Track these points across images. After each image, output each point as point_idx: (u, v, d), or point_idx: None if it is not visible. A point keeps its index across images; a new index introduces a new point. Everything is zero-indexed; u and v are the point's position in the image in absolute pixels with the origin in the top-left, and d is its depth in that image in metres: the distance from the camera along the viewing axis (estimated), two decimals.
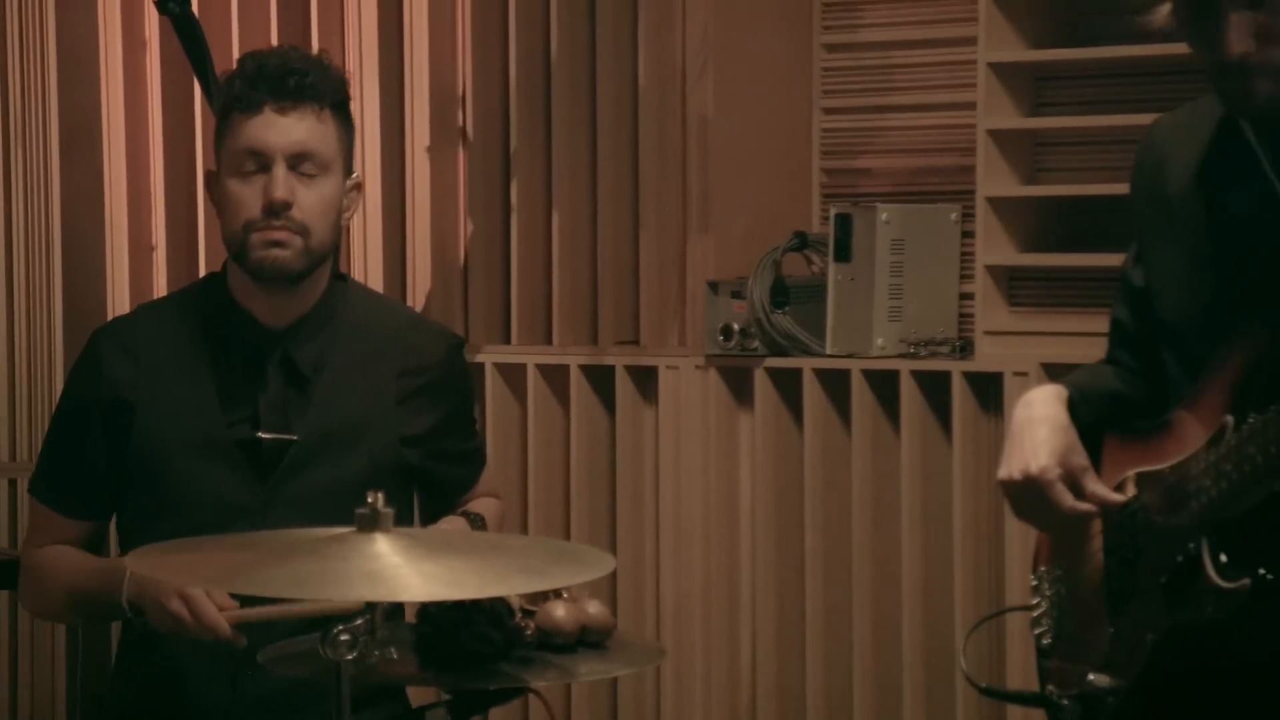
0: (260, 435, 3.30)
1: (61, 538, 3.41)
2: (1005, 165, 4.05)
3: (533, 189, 4.45)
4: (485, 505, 3.54)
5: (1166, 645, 2.54)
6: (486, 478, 3.58)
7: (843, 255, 4.13)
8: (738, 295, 4.21)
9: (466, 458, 3.54)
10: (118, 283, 4.71)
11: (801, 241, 4.24)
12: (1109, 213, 4.04)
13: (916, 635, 4.09)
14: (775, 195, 4.37)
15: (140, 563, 2.85)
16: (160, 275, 4.70)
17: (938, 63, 4.26)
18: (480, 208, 4.49)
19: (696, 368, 4.28)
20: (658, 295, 4.34)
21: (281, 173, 3.25)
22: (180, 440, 3.32)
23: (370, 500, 2.62)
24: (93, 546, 3.44)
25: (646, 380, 4.36)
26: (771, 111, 4.36)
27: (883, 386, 4.12)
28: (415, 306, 4.39)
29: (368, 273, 4.54)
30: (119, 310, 4.57)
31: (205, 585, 3.05)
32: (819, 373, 4.16)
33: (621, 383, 4.36)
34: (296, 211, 3.26)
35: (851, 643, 4.16)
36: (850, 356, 4.14)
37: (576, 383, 4.39)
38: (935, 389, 4.07)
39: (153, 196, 4.73)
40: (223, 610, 3.10)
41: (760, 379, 4.22)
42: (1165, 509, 2.56)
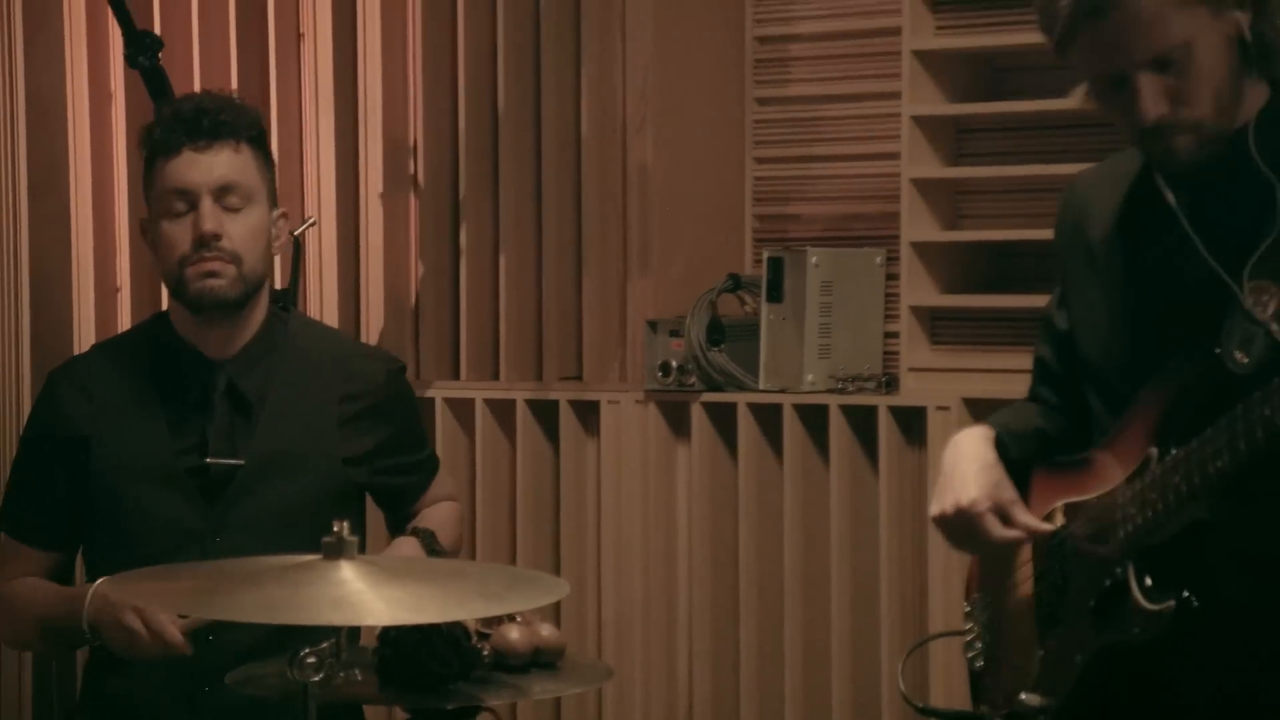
0: (208, 461, 3.30)
1: (30, 570, 3.40)
2: (927, 212, 4.05)
3: (481, 233, 4.43)
4: (440, 512, 3.54)
5: (1094, 666, 2.54)
6: (440, 482, 3.59)
7: (775, 296, 4.13)
8: (676, 334, 4.20)
9: (416, 468, 3.55)
10: (84, 322, 4.67)
11: (736, 283, 4.23)
12: (1026, 256, 4.06)
13: (845, 655, 4.08)
14: (711, 239, 4.36)
15: (114, 589, 2.84)
16: (125, 315, 4.66)
17: (863, 115, 4.25)
18: (431, 250, 4.47)
19: (636, 402, 4.27)
20: (600, 334, 4.33)
21: (208, 206, 3.27)
22: (134, 470, 3.33)
23: (336, 529, 2.63)
24: (61, 577, 3.43)
25: (589, 414, 4.34)
26: (707, 161, 4.36)
27: (813, 420, 4.11)
28: (370, 344, 4.36)
29: (323, 312, 4.51)
30: (85, 348, 4.52)
31: (176, 610, 3.04)
32: (752, 407, 4.15)
33: (565, 416, 4.34)
34: (226, 242, 3.28)
35: (783, 661, 4.14)
36: (782, 392, 4.13)
37: (522, 416, 4.38)
38: (862, 422, 4.07)
39: (117, 240, 4.69)
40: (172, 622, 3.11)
41: (697, 413, 4.21)
42: (1093, 537, 2.56)
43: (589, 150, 4.30)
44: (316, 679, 2.59)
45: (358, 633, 3.22)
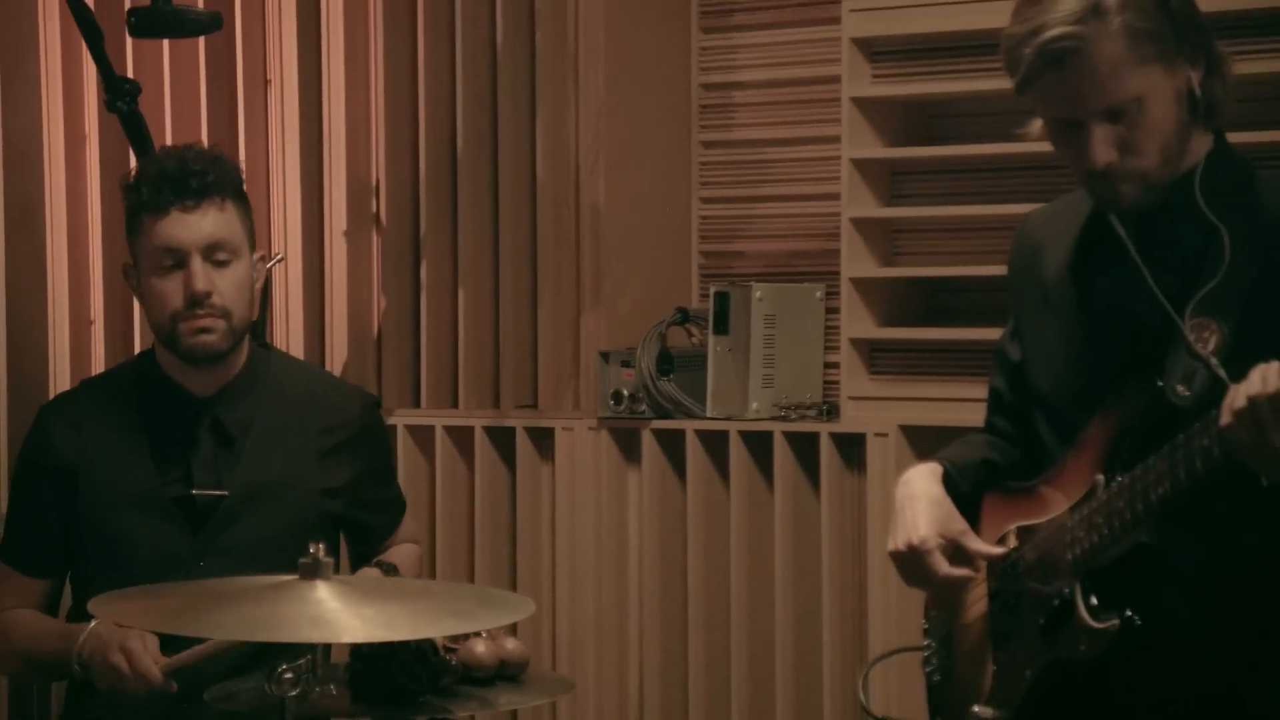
0: (194, 492, 3.28)
1: (24, 596, 3.37)
2: (865, 249, 4.04)
3: (441, 268, 4.40)
4: (404, 552, 3.52)
5: (1043, 680, 2.54)
6: (406, 523, 3.57)
7: (721, 329, 4.11)
8: (627, 364, 4.19)
9: (387, 506, 3.55)
10: (59, 354, 4.60)
11: (684, 316, 4.22)
12: (958, 291, 4.06)
13: (789, 669, 4.06)
14: (660, 275, 4.35)
15: (102, 609, 2.80)
16: (99, 347, 4.61)
17: (804, 158, 4.25)
18: (393, 286, 4.44)
19: (590, 429, 4.24)
20: (554, 364, 4.30)
21: (198, 265, 3.23)
22: (121, 499, 3.30)
23: (312, 550, 2.62)
24: (51, 601, 3.40)
25: (544, 440, 4.32)
26: (656, 201, 4.34)
27: (757, 446, 4.09)
28: (345, 379, 4.32)
29: (289, 344, 4.47)
30: (60, 379, 4.49)
31: (160, 628, 3.00)
32: (700, 434, 4.13)
33: (521, 443, 4.32)
34: (217, 298, 3.25)
35: (730, 675, 4.12)
36: (728, 419, 4.11)
37: (480, 442, 4.34)
38: (804, 448, 4.06)
39: (91, 275, 4.63)
40: (156, 663, 3.09)
41: (647, 439, 4.19)
42: (1043, 558, 2.54)
43: (544, 190, 4.28)
44: (294, 694, 2.58)
45: (329, 649, 3.18)
